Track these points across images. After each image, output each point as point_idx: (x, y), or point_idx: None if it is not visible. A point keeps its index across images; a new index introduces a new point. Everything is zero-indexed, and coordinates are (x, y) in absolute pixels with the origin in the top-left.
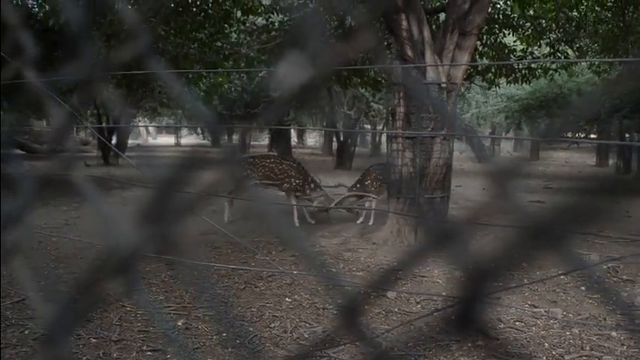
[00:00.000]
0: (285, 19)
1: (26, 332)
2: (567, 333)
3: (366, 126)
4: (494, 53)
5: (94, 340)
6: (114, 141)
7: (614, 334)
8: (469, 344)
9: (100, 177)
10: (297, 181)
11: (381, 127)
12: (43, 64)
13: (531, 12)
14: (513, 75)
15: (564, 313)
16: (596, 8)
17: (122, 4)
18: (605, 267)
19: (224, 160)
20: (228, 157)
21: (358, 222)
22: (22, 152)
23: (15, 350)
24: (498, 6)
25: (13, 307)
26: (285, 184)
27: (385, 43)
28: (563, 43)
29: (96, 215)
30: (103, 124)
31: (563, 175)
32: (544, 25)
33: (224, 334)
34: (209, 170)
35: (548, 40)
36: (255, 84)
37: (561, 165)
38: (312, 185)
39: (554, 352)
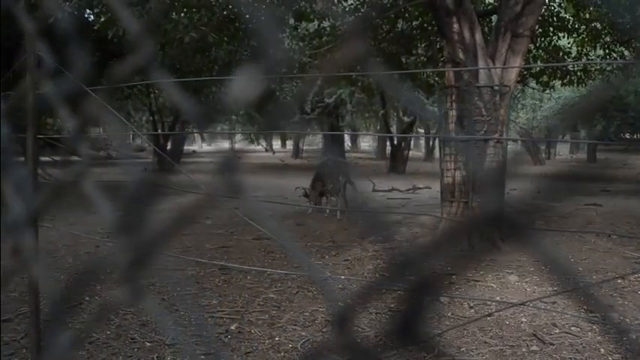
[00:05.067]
0: (337, 24)
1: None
2: (624, 338)
3: (420, 130)
4: (548, 56)
5: (149, 344)
6: (169, 147)
7: None
8: (523, 349)
9: (156, 182)
10: None
11: (434, 132)
12: (99, 73)
13: (587, 15)
14: (568, 77)
15: (621, 318)
16: None
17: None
18: None
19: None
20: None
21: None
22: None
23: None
24: (552, 8)
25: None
26: None
27: (437, 47)
28: (618, 44)
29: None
30: (159, 131)
31: (621, 177)
32: (599, 27)
33: (276, 339)
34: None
35: (603, 42)
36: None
37: (619, 167)
38: None
39: (610, 359)
